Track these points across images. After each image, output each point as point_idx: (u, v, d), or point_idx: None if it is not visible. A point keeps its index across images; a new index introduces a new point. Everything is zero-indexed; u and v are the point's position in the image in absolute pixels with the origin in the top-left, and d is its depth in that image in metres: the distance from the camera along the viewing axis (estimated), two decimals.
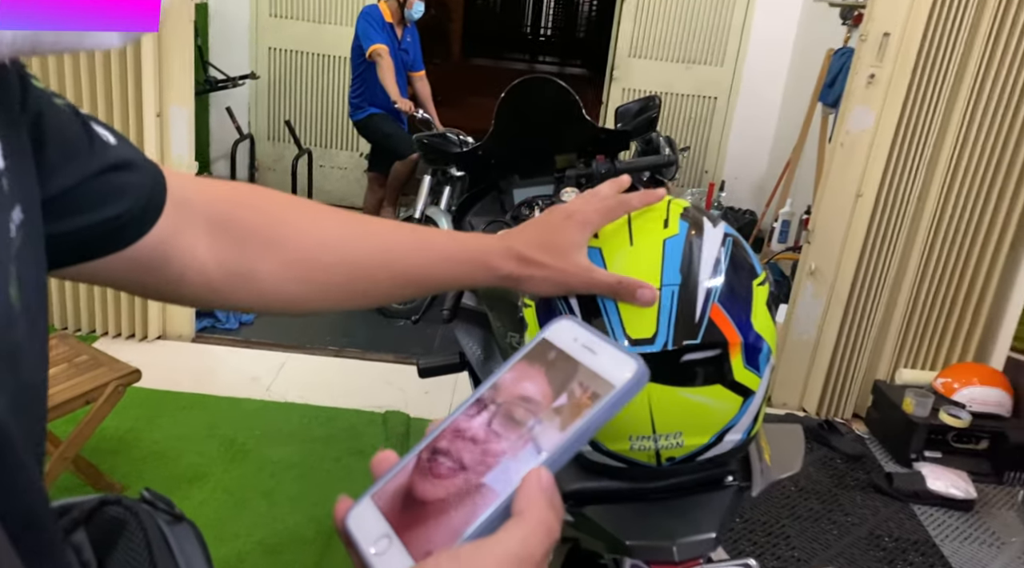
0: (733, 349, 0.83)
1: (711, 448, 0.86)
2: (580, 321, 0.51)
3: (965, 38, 2.91)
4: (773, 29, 5.57)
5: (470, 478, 0.44)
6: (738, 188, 5.73)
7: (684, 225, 0.89)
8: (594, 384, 0.46)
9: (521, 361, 0.50)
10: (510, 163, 2.15)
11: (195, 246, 0.66)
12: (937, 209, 3.12)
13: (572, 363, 0.48)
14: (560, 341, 0.50)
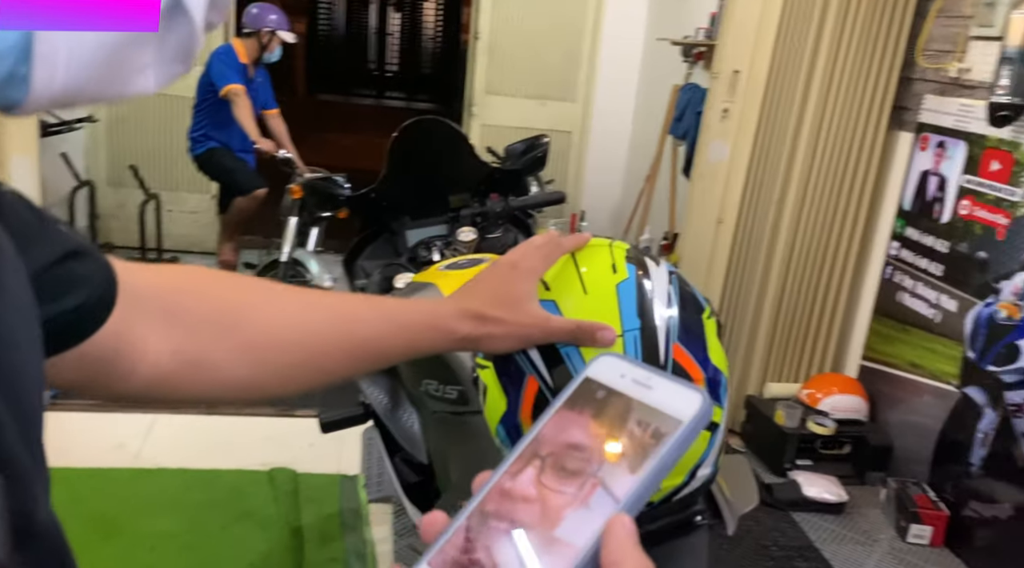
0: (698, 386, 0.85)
1: (685, 487, 0.87)
2: (624, 356, 0.49)
3: (805, 73, 3.16)
4: (618, 66, 5.84)
5: (536, 537, 0.42)
6: (597, 218, 5.93)
7: (632, 268, 0.91)
8: (656, 421, 0.44)
9: (563, 408, 0.48)
10: (402, 204, 2.12)
11: (147, 338, 0.62)
12: (791, 232, 3.35)
13: (625, 401, 0.46)
14: (607, 379, 0.47)
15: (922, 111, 3.16)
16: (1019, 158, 2.70)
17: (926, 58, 3.13)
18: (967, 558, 2.82)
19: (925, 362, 3.10)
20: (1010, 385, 2.67)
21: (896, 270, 3.28)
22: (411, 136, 2.03)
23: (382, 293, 1.87)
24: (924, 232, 3.13)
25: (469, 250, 2.02)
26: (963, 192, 2.95)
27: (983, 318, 2.82)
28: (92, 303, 0.55)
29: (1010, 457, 2.67)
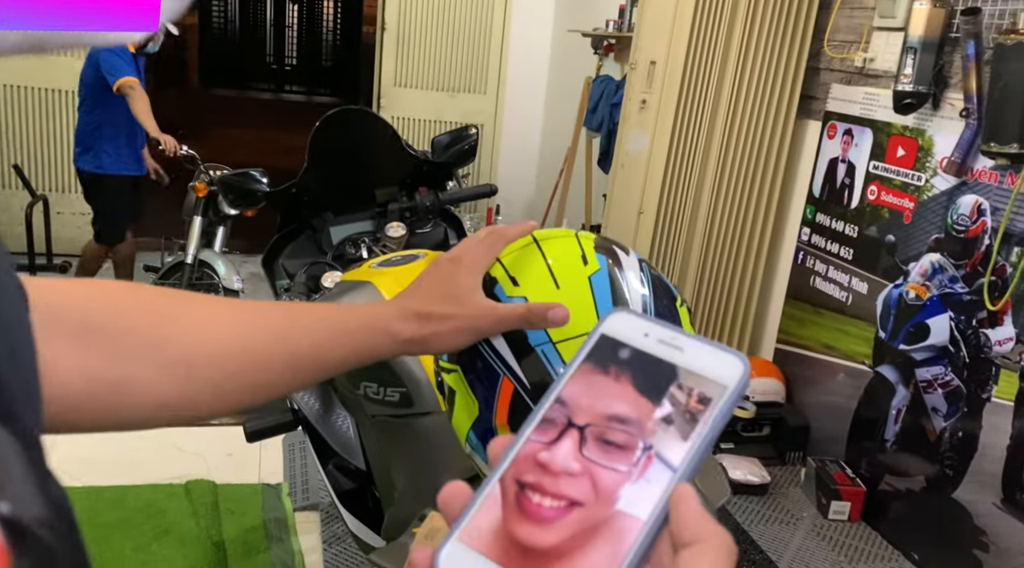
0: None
1: None
2: (637, 312, 0.44)
3: (719, 64, 3.20)
4: (529, 58, 5.83)
5: (593, 513, 0.39)
6: (512, 211, 5.90)
7: (603, 259, 0.87)
8: (699, 386, 0.41)
9: (586, 367, 0.43)
10: (325, 200, 2.03)
11: (55, 359, 0.55)
12: (708, 221, 3.40)
13: (660, 364, 0.42)
14: (628, 337, 0.43)
15: (829, 100, 3.26)
16: (923, 144, 2.81)
17: (832, 48, 3.22)
18: (883, 530, 2.93)
19: (839, 343, 3.21)
20: (921, 362, 2.79)
21: (807, 255, 3.38)
22: (334, 127, 1.94)
23: (309, 293, 1.78)
24: (834, 218, 3.23)
25: (399, 246, 1.95)
26: (870, 178, 3.05)
27: (893, 299, 2.93)
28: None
29: (921, 431, 2.79)
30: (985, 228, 2.56)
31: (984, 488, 2.54)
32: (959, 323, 2.65)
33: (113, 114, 4.16)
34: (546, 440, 0.41)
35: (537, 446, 0.41)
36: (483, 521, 0.39)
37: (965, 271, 2.64)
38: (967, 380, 2.61)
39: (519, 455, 0.41)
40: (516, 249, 0.89)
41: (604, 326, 0.44)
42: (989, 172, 2.54)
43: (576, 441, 0.41)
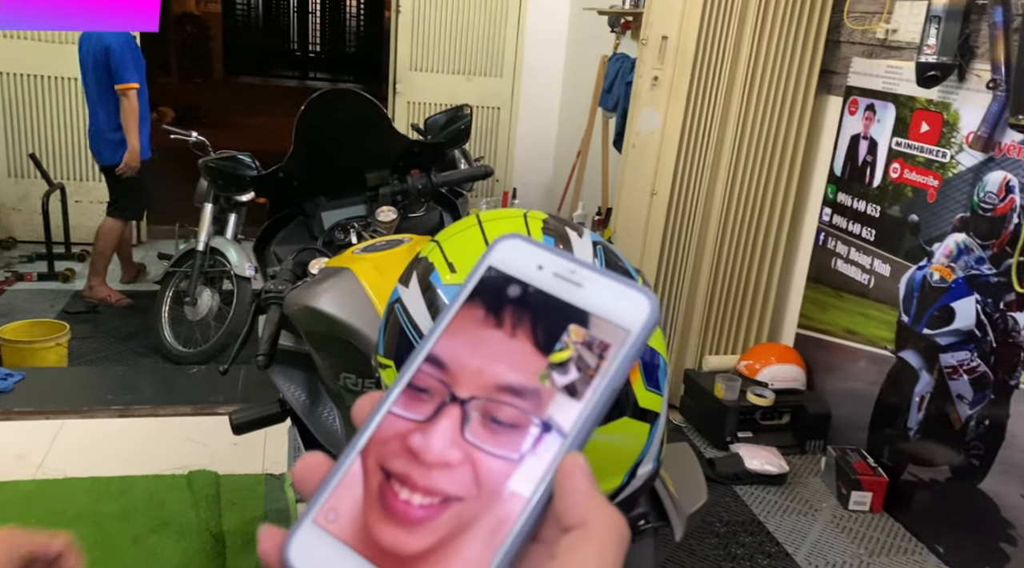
0: (633, 373, 0.74)
1: (625, 488, 0.76)
2: (531, 238, 0.37)
3: (734, 38, 3.08)
4: (545, 39, 5.71)
5: (472, 508, 0.33)
6: (529, 194, 5.82)
7: (549, 240, 0.79)
8: (596, 330, 0.34)
9: (467, 309, 0.36)
10: (315, 184, 1.96)
11: None
12: (724, 202, 3.29)
13: (553, 303, 0.35)
14: (520, 270, 0.36)
15: (850, 74, 3.12)
16: (948, 119, 2.67)
17: (852, 20, 3.08)
18: (906, 521, 2.82)
19: (860, 328, 3.09)
20: (945, 347, 2.66)
21: (828, 236, 3.26)
22: (319, 109, 1.86)
23: (295, 280, 1.71)
24: (855, 197, 3.11)
25: (389, 231, 1.88)
26: (893, 155, 2.92)
27: (916, 281, 2.80)
28: None
29: (946, 419, 2.67)
30: (1014, 206, 2.42)
31: (1012, 479, 2.42)
32: (986, 306, 2.52)
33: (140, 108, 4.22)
34: (420, 417, 0.35)
35: (407, 425, 0.34)
36: (342, 502, 0.34)
37: (992, 251, 2.51)
38: (994, 366, 2.49)
39: (385, 432, 0.34)
40: (458, 231, 0.82)
41: (492, 256, 0.37)
42: (1018, 146, 2.40)
43: (457, 421, 0.34)
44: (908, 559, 2.67)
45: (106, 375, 3.46)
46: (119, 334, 4.21)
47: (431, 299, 0.76)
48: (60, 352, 3.53)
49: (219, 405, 3.13)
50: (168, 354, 3.95)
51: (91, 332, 4.14)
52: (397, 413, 0.35)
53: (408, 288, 0.79)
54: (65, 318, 4.15)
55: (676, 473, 0.94)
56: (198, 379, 3.50)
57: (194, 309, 3.98)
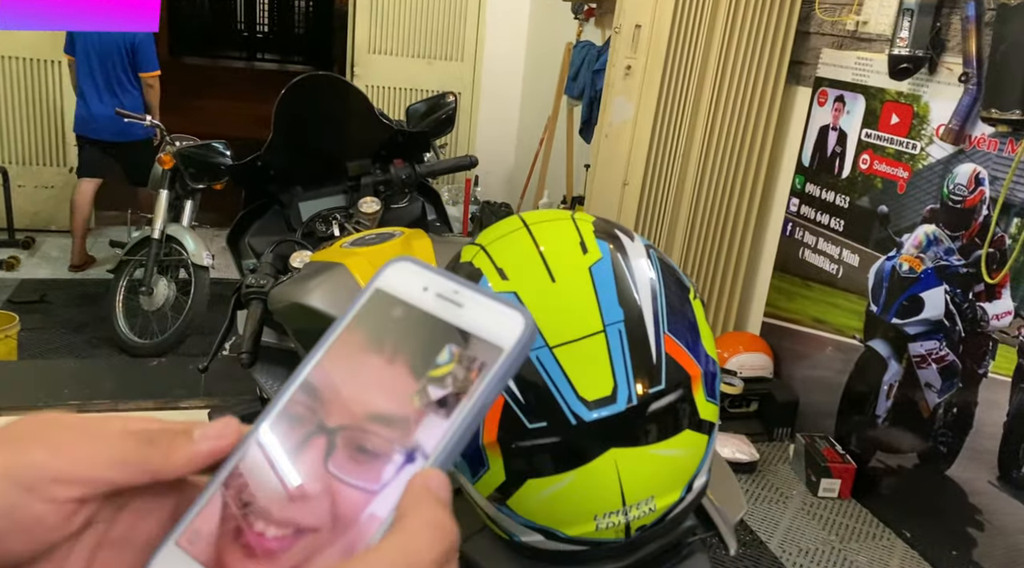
0: (695, 383, 0.72)
1: (681, 502, 0.73)
2: (421, 261, 0.37)
3: (707, 28, 3.07)
4: (506, 24, 5.66)
5: (326, 539, 0.33)
6: (491, 182, 5.77)
7: (604, 246, 0.76)
8: (475, 350, 0.35)
9: (348, 330, 0.36)
10: (293, 174, 1.89)
11: None
12: (694, 192, 3.29)
13: (431, 322, 0.35)
14: (404, 292, 0.37)
15: (820, 65, 3.15)
16: (919, 111, 2.71)
17: (823, 11, 3.10)
18: (873, 507, 2.88)
19: (828, 317, 3.13)
20: (914, 337, 2.71)
21: (796, 226, 3.29)
22: (300, 95, 1.79)
23: (276, 274, 1.65)
24: (824, 188, 3.14)
25: (373, 222, 1.82)
26: (863, 146, 2.95)
27: (886, 271, 2.84)
28: None
29: (914, 407, 2.72)
30: (983, 198, 2.47)
31: (979, 465, 2.48)
32: (955, 296, 2.57)
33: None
34: (287, 446, 0.35)
35: (270, 453, 0.35)
36: (204, 524, 0.34)
37: (961, 243, 2.55)
38: (963, 355, 2.54)
39: (250, 461, 0.35)
40: (503, 234, 0.78)
41: (380, 279, 0.38)
42: (988, 140, 2.44)
43: (321, 452, 0.34)
44: (877, 544, 2.72)
45: (61, 368, 3.33)
46: (70, 325, 4.06)
47: None
48: (9, 345, 3.38)
49: (183, 399, 3.04)
50: (123, 345, 3.82)
51: (41, 323, 3.98)
52: (262, 442, 0.35)
53: None
54: (11, 308, 3.97)
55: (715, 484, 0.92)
56: (159, 372, 3.39)
57: (150, 299, 3.85)
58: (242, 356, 1.55)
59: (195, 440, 0.35)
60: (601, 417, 0.67)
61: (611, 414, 0.67)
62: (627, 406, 0.67)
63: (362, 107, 1.85)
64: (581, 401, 0.67)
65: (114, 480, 0.33)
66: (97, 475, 0.33)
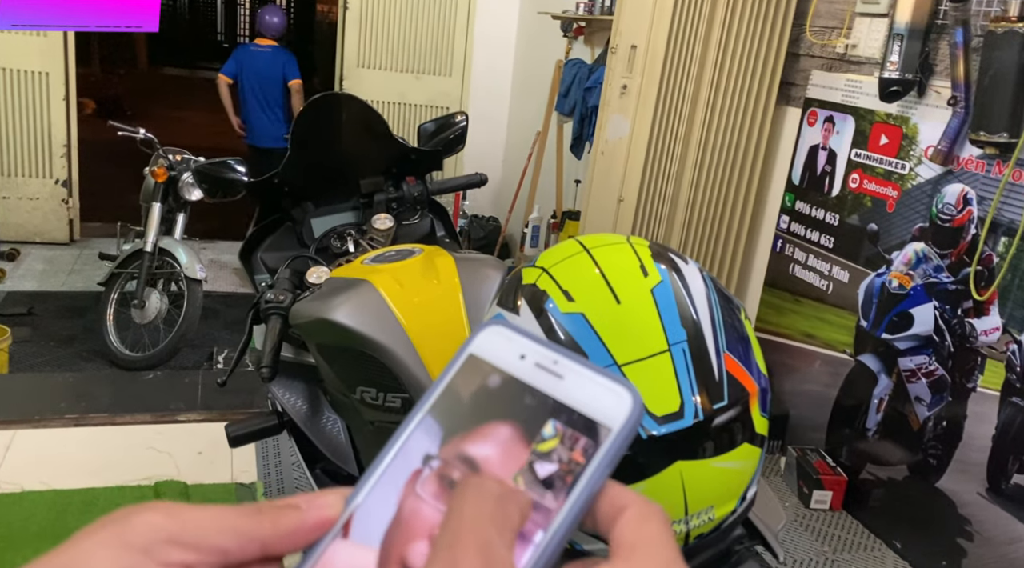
0: (752, 399, 0.76)
1: (736, 512, 0.77)
2: (515, 326, 0.36)
3: (700, 48, 3.14)
4: (495, 40, 5.72)
5: None
6: (478, 196, 5.80)
7: (663, 269, 0.80)
8: (578, 426, 0.33)
9: (443, 397, 0.35)
10: (307, 190, 1.92)
11: None
12: (688, 208, 3.35)
13: (530, 394, 0.34)
14: (500, 359, 0.35)
15: (810, 86, 3.23)
16: (908, 132, 2.79)
17: (813, 34, 3.19)
18: (864, 519, 2.94)
19: (819, 332, 3.19)
20: (904, 351, 2.78)
21: (786, 243, 3.36)
22: (318, 114, 1.82)
23: (293, 290, 1.67)
24: (814, 205, 3.21)
25: (386, 239, 1.85)
26: (852, 166, 3.03)
27: (875, 288, 2.91)
28: None
29: (904, 421, 2.79)
30: (971, 217, 2.55)
31: (968, 477, 2.55)
32: (944, 312, 2.65)
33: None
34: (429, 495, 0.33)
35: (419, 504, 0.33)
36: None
37: (950, 260, 2.63)
38: (952, 370, 2.61)
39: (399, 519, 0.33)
40: (565, 257, 0.82)
41: (474, 343, 0.36)
42: (976, 161, 2.53)
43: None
44: (868, 555, 2.78)
45: (55, 381, 3.31)
46: (59, 337, 4.03)
47: (548, 326, 0.76)
48: (1, 358, 3.36)
49: (180, 413, 3.03)
50: (114, 358, 3.80)
51: (30, 335, 3.95)
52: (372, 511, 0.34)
53: (519, 315, 0.78)
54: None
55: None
56: (155, 385, 3.38)
57: (142, 312, 3.84)
58: (263, 370, 1.57)
59: (302, 510, 0.34)
60: (669, 432, 0.70)
61: (678, 429, 0.70)
62: (694, 421, 0.71)
63: (377, 126, 1.88)
64: (651, 417, 0.70)
65: (225, 547, 0.33)
66: (209, 541, 0.33)
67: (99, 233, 5.33)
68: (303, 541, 0.34)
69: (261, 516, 0.34)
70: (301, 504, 0.35)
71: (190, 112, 10.82)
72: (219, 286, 4.51)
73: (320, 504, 0.34)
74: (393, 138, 1.89)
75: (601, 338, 0.73)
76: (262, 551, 0.34)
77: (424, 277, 1.47)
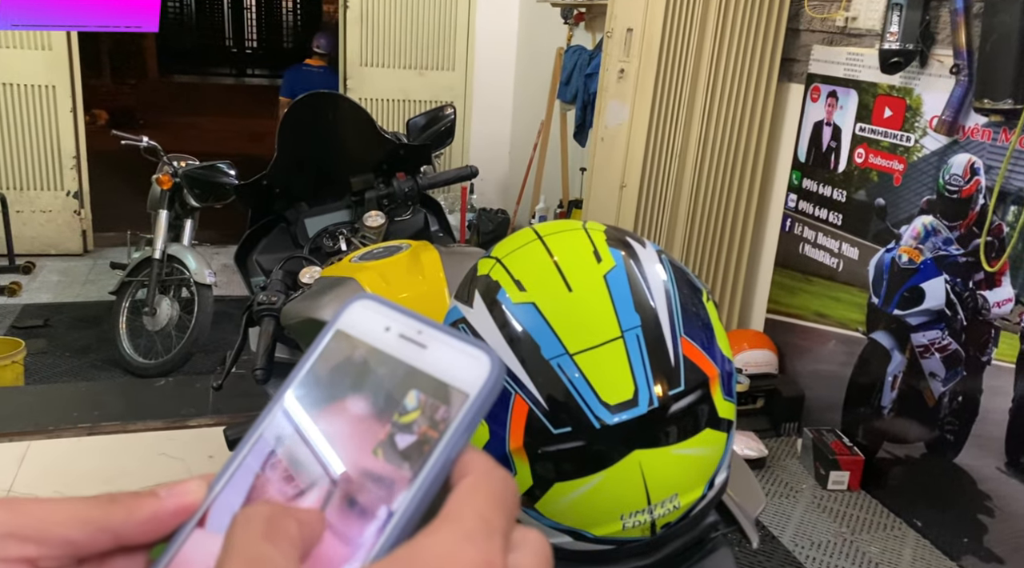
0: (713, 384, 0.74)
1: (704, 499, 0.75)
2: (384, 300, 0.35)
3: (698, 29, 3.10)
4: (496, 31, 5.69)
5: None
6: (486, 189, 5.79)
7: (617, 254, 0.78)
8: (438, 395, 0.32)
9: (309, 375, 0.35)
10: (298, 191, 1.91)
11: None
12: (692, 192, 3.32)
13: (392, 365, 0.33)
14: (367, 332, 0.35)
15: (811, 62, 3.17)
16: (912, 104, 2.73)
17: (812, 8, 3.13)
18: (883, 498, 2.90)
19: (830, 311, 3.15)
20: (916, 327, 2.73)
21: (795, 222, 3.31)
22: (303, 114, 1.81)
23: (287, 290, 1.67)
24: (821, 182, 3.16)
25: (378, 236, 1.84)
26: (857, 140, 2.98)
27: (885, 264, 2.87)
28: None
29: (919, 397, 2.74)
30: (979, 187, 2.49)
31: (987, 452, 2.50)
32: (955, 286, 2.59)
33: None
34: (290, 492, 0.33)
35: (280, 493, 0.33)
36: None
37: (959, 232, 2.58)
38: (965, 343, 2.56)
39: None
40: (518, 247, 0.80)
41: (342, 319, 0.35)
42: (982, 129, 2.47)
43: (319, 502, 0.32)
44: (888, 534, 2.74)
45: (68, 391, 3.34)
46: (74, 347, 4.06)
47: (501, 318, 0.74)
48: (16, 370, 3.39)
49: (191, 418, 3.05)
50: (129, 366, 3.83)
51: (45, 347, 3.99)
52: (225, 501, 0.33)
53: (472, 308, 0.76)
54: (15, 333, 3.99)
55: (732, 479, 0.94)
56: (166, 392, 3.40)
57: (153, 319, 3.86)
58: (256, 372, 1.56)
59: (160, 497, 0.33)
60: (623, 420, 0.68)
61: (633, 417, 0.68)
62: (648, 409, 0.69)
63: (364, 123, 1.87)
64: (604, 406, 0.69)
65: (71, 538, 0.31)
66: (53, 533, 0.31)
67: (112, 243, 5.37)
68: (162, 529, 0.32)
69: (114, 505, 0.32)
70: (160, 492, 0.33)
71: (200, 118, 10.90)
72: (231, 290, 4.52)
73: (180, 491, 0.33)
74: (381, 135, 1.88)
75: (552, 327, 0.71)
76: (116, 541, 0.32)
77: (409, 273, 1.46)
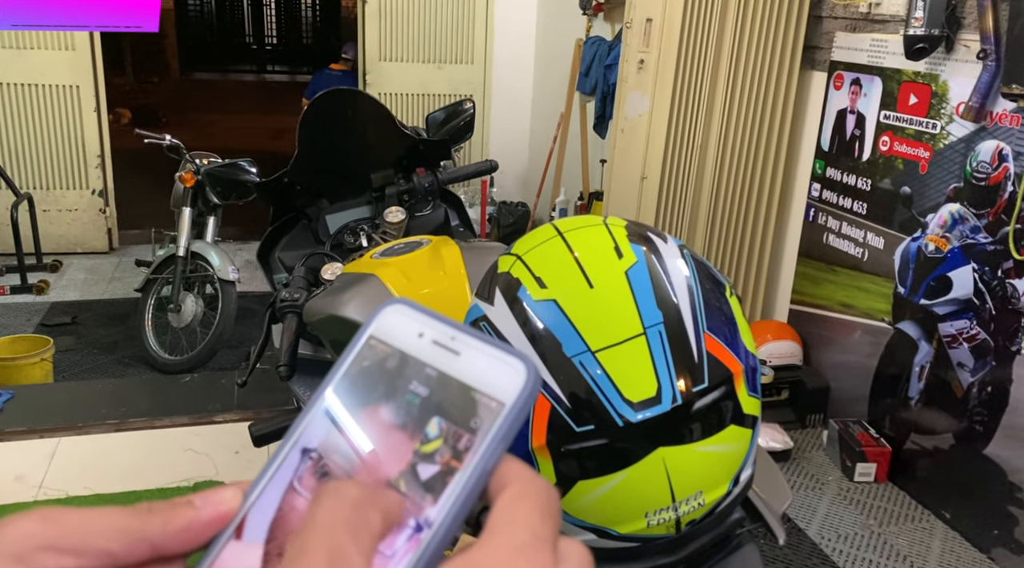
0: (737, 380, 0.73)
1: (729, 495, 0.75)
2: (417, 304, 0.35)
3: (718, 18, 3.07)
4: (515, 23, 5.66)
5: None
6: (506, 182, 5.78)
7: (639, 249, 0.77)
8: (471, 404, 0.32)
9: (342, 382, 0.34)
10: (318, 187, 1.92)
11: None
12: (713, 183, 3.29)
13: (424, 372, 0.33)
14: (399, 338, 0.34)
15: (834, 49, 3.13)
16: (937, 90, 2.69)
17: None
18: (911, 489, 2.86)
19: (856, 301, 3.11)
20: (944, 317, 2.69)
21: (819, 212, 3.27)
22: (322, 111, 1.81)
23: (309, 287, 1.67)
24: (845, 171, 3.12)
25: (399, 232, 1.84)
26: (882, 128, 2.94)
27: (911, 253, 2.83)
28: None
29: (947, 387, 2.70)
30: (1008, 174, 2.45)
31: (1017, 443, 2.46)
32: (983, 274, 2.55)
33: None
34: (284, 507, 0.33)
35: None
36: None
37: (987, 220, 2.54)
38: (994, 333, 2.52)
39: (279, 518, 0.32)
40: (539, 243, 0.79)
41: (374, 325, 0.35)
42: (1010, 115, 2.42)
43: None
44: (916, 526, 2.71)
45: (97, 388, 3.38)
46: (101, 344, 4.11)
47: (522, 316, 0.73)
48: (45, 367, 3.44)
49: (217, 414, 3.08)
50: (155, 363, 3.87)
51: (73, 344, 4.04)
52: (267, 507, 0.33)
53: (493, 305, 0.76)
54: (43, 331, 4.05)
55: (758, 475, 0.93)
56: (192, 388, 3.43)
57: (178, 316, 3.90)
58: (280, 369, 1.57)
59: (196, 507, 0.33)
60: (647, 418, 0.68)
61: (657, 414, 0.68)
62: (672, 406, 0.68)
63: (383, 119, 1.87)
64: (627, 403, 0.68)
65: (109, 549, 0.31)
66: (91, 544, 0.31)
67: (138, 240, 5.43)
68: (199, 538, 0.32)
69: (150, 515, 0.32)
70: (195, 500, 0.33)
71: (222, 115, 10.97)
72: (255, 286, 4.54)
73: (215, 500, 0.33)
74: (400, 130, 1.87)
75: (574, 324, 0.70)
76: (153, 551, 0.32)
77: (431, 268, 1.46)
